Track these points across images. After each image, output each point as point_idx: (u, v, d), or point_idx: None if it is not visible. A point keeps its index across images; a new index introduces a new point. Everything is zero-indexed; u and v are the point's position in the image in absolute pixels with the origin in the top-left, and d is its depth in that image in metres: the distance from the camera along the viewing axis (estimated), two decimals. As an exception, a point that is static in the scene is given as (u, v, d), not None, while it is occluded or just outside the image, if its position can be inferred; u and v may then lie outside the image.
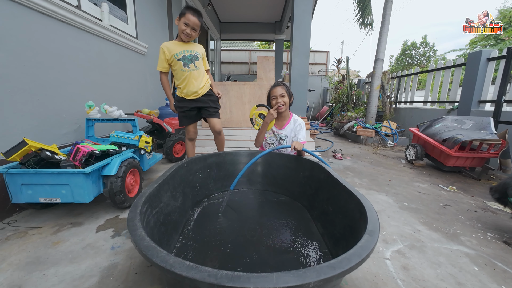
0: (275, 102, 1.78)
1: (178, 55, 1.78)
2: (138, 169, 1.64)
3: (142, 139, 1.73)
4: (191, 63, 1.84)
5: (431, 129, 2.88)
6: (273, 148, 1.50)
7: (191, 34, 1.75)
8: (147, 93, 3.07)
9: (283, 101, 1.75)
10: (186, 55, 1.81)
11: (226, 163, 1.82)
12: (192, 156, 1.60)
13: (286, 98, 1.76)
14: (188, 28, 1.71)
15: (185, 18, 1.69)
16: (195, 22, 1.72)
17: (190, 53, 1.82)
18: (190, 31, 1.73)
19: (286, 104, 1.78)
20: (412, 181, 2.29)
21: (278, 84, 1.78)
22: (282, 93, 1.74)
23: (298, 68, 3.77)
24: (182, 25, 1.71)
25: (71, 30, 1.83)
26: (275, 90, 1.76)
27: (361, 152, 3.54)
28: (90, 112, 1.80)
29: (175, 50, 1.77)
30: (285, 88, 1.75)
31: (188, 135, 2.03)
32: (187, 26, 1.71)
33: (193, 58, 1.84)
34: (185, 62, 1.81)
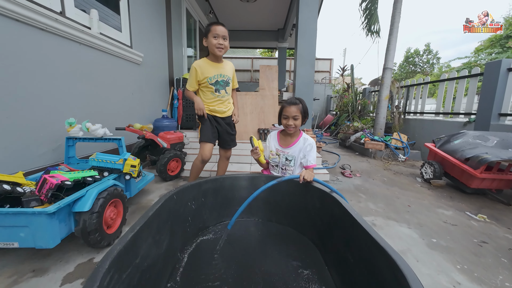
0: (286, 123, 1.56)
1: (211, 79, 1.74)
2: (121, 199, 1.41)
3: (127, 162, 1.50)
4: (223, 89, 1.82)
5: (449, 145, 2.63)
6: (277, 180, 1.26)
7: (224, 45, 1.69)
8: (142, 105, 2.87)
9: (295, 124, 1.53)
10: (219, 80, 1.77)
11: (224, 189, 1.59)
12: (184, 184, 1.37)
13: (299, 121, 1.53)
14: (219, 38, 1.67)
15: (212, 32, 1.66)
16: (223, 30, 1.68)
17: (223, 78, 1.79)
18: (223, 41, 1.68)
19: (297, 127, 1.56)
20: (434, 206, 2.03)
21: (294, 102, 1.53)
22: (296, 115, 1.51)
23: (303, 77, 3.57)
24: (212, 39, 1.67)
25: (52, 39, 1.64)
26: (289, 109, 1.52)
27: (371, 168, 3.29)
28: (70, 131, 1.58)
29: (208, 73, 1.72)
30: (300, 109, 1.52)
31: (203, 154, 1.81)
32: (217, 37, 1.66)
33: (225, 84, 1.82)
34: (217, 88, 1.77)
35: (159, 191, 2.20)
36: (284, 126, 1.60)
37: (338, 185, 2.50)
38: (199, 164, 1.86)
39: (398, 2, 4.04)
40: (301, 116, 1.53)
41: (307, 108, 1.56)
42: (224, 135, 1.96)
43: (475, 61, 13.95)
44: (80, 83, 1.90)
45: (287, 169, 1.67)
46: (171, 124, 3.11)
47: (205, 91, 1.79)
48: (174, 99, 3.65)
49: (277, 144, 1.68)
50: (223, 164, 2.05)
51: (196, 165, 1.87)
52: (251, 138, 1.59)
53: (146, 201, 1.95)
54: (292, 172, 1.67)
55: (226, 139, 1.97)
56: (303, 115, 1.54)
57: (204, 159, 1.83)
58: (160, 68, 3.35)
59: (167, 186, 2.31)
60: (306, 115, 1.56)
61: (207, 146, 1.82)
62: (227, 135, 1.97)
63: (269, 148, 1.70)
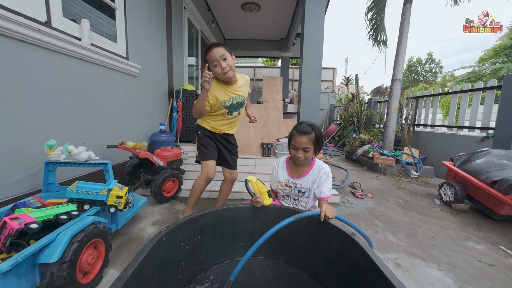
0: (294, 154, 1.34)
1: (225, 102, 1.56)
2: (103, 238, 1.20)
3: (112, 193, 1.30)
4: (236, 111, 1.67)
5: (471, 165, 2.41)
6: (294, 217, 1.04)
7: (228, 65, 1.46)
8: (138, 119, 2.69)
9: (305, 157, 1.30)
10: (234, 103, 1.59)
11: (224, 223, 1.37)
12: (177, 221, 1.16)
13: (310, 153, 1.30)
14: (219, 65, 1.46)
15: (210, 61, 1.47)
16: (219, 51, 1.45)
17: (238, 100, 1.62)
18: (225, 63, 1.45)
19: (306, 159, 1.33)
20: (461, 237, 1.79)
21: (305, 131, 1.28)
22: (307, 148, 1.27)
23: (309, 89, 3.39)
24: (214, 69, 1.48)
25: (34, 51, 1.48)
26: (299, 140, 1.28)
27: (383, 186, 3.06)
28: (50, 154, 1.39)
29: (222, 98, 1.55)
30: (313, 139, 1.28)
31: (208, 173, 1.62)
32: (217, 63, 1.46)
33: (240, 105, 1.66)
34: (230, 111, 1.60)
35: (153, 216, 1.98)
36: (292, 156, 1.39)
37: (349, 209, 2.27)
38: (203, 183, 1.65)
39: (407, 12, 3.91)
40: (313, 148, 1.30)
41: (321, 135, 1.32)
42: (226, 154, 1.77)
43: (480, 71, 13.79)
44: (66, 99, 1.72)
45: (300, 200, 1.46)
46: (169, 138, 2.92)
47: (215, 111, 1.62)
48: (174, 111, 3.48)
49: (286, 174, 1.46)
50: (227, 187, 1.83)
51: (200, 184, 1.65)
52: (246, 181, 1.34)
53: (137, 230, 1.74)
54: (305, 204, 1.45)
55: (228, 159, 1.78)
56: (316, 145, 1.30)
57: (209, 178, 1.63)
58: (159, 79, 3.19)
59: (162, 210, 2.10)
60: (320, 143, 1.32)
61: (210, 163, 1.63)
62: (229, 155, 1.78)
63: (277, 178, 1.48)
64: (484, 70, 13.56)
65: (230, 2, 5.17)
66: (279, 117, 3.39)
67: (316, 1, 3.26)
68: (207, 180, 1.63)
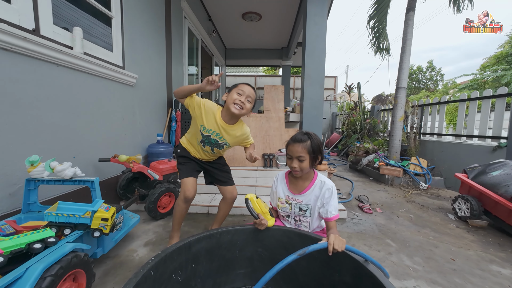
0: (289, 165, 1.22)
1: (204, 129, 1.42)
2: (84, 268, 1.05)
3: (97, 215, 1.17)
4: (209, 146, 1.50)
5: (487, 177, 2.25)
6: (298, 254, 0.90)
7: (244, 105, 1.38)
8: (134, 130, 2.58)
9: (300, 167, 1.18)
10: (211, 137, 1.44)
11: (221, 248, 1.22)
12: (167, 249, 1.02)
13: (306, 163, 1.18)
14: (242, 96, 1.38)
15: (238, 88, 1.40)
16: (251, 91, 1.41)
17: (217, 139, 1.46)
18: (244, 100, 1.38)
19: (303, 171, 1.20)
20: (484, 260, 1.63)
21: (298, 139, 1.19)
22: (301, 156, 1.16)
23: (312, 99, 3.29)
24: (234, 94, 1.38)
25: (19, 60, 1.38)
26: (293, 148, 1.19)
27: (392, 199, 2.90)
28: (32, 171, 1.27)
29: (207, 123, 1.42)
30: (308, 147, 1.17)
31: (185, 192, 1.47)
32: (241, 94, 1.38)
33: (217, 145, 1.50)
34: (203, 140, 1.46)
35: (146, 235, 1.84)
36: (289, 168, 1.26)
37: (358, 226, 2.11)
38: (181, 203, 1.52)
39: (410, 19, 3.85)
40: (309, 157, 1.17)
41: (318, 145, 1.19)
42: (214, 171, 1.64)
43: (482, 78, 13.75)
44: (55, 110, 1.61)
45: (302, 221, 1.32)
46: (166, 150, 2.80)
47: (193, 131, 1.52)
48: (172, 121, 3.38)
49: (286, 189, 1.33)
50: (225, 206, 1.66)
51: (178, 205, 1.53)
52: (246, 200, 1.20)
53: (127, 252, 1.59)
54: (308, 225, 1.31)
55: (218, 177, 1.64)
56: (313, 155, 1.18)
57: (187, 197, 1.48)
58: (157, 89, 3.10)
59: (156, 228, 1.95)
60: (318, 154, 1.20)
61: (189, 181, 1.49)
62: (217, 172, 1.64)
63: (277, 194, 1.35)
64: (486, 77, 13.51)
65: (231, 12, 5.18)
66: (281, 126, 3.27)
67: (317, 8, 3.20)
68: (186, 200, 1.49)
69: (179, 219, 1.57)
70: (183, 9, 3.89)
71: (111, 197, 2.21)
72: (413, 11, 3.81)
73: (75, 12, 1.87)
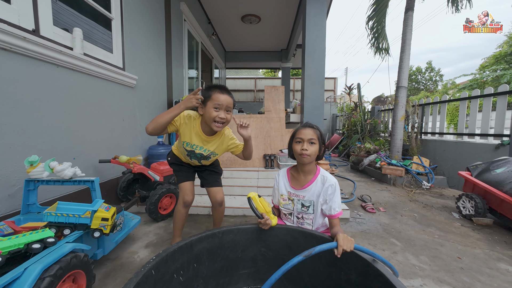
0: (300, 149, 1.20)
1: (187, 144, 1.37)
2: (84, 268, 1.03)
3: (97, 215, 1.15)
4: (196, 159, 1.47)
5: (491, 175, 2.23)
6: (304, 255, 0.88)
7: (226, 119, 1.30)
8: (135, 132, 2.57)
9: (310, 151, 1.17)
10: (196, 151, 1.39)
11: (223, 248, 1.20)
12: (168, 248, 1.00)
13: (316, 147, 1.19)
14: (221, 111, 1.27)
15: (213, 101, 1.25)
16: (228, 101, 1.29)
17: (202, 152, 1.41)
18: (225, 115, 1.29)
19: (311, 156, 1.19)
20: (492, 258, 1.60)
21: (309, 125, 1.23)
22: (312, 139, 1.18)
23: (312, 99, 3.29)
24: (211, 111, 1.26)
25: (19, 60, 1.37)
26: (304, 131, 1.20)
27: (394, 199, 2.87)
28: (31, 171, 1.25)
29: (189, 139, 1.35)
30: (317, 134, 1.20)
31: (184, 197, 1.48)
32: (219, 108, 1.26)
33: (202, 157, 1.45)
34: (189, 154, 1.42)
35: (147, 237, 1.81)
36: (296, 155, 1.23)
37: (361, 226, 2.08)
38: (181, 209, 1.51)
39: (409, 19, 3.86)
40: (318, 143, 1.20)
41: (324, 136, 1.25)
42: (205, 173, 1.59)
43: (481, 78, 13.76)
44: (55, 111, 1.60)
45: (305, 218, 1.29)
46: (166, 151, 2.78)
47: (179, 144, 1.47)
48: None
49: (288, 184, 1.31)
50: (216, 213, 1.59)
51: (178, 210, 1.52)
52: (249, 199, 1.16)
53: (128, 254, 1.56)
54: (311, 222, 1.28)
55: (207, 178, 1.58)
56: (321, 142, 1.22)
57: (186, 202, 1.49)
58: (158, 90, 3.10)
59: (157, 229, 1.93)
60: (324, 145, 1.25)
61: (186, 186, 1.50)
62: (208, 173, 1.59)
63: (279, 191, 1.33)
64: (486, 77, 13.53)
65: (230, 14, 5.21)
66: (282, 127, 3.26)
67: (317, 9, 3.21)
68: (185, 205, 1.49)
69: (180, 225, 1.55)
70: (183, 12, 3.91)
71: (111, 199, 2.18)
72: (412, 10, 3.82)
73: (75, 13, 1.87)
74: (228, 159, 3.05)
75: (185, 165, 1.56)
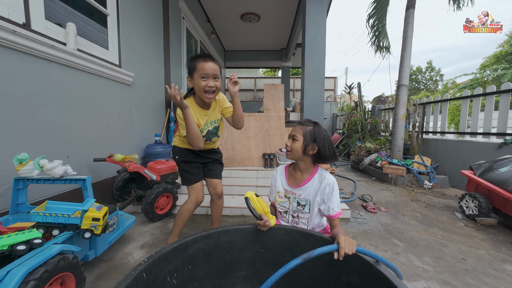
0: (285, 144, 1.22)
1: (202, 131, 1.38)
2: (73, 271, 0.98)
3: (87, 215, 1.10)
4: (215, 136, 1.49)
5: (495, 174, 2.18)
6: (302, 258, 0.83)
7: (216, 86, 1.31)
8: (131, 130, 2.52)
9: (290, 146, 1.16)
10: (210, 129, 1.42)
11: (220, 249, 1.15)
12: (161, 249, 0.95)
13: (298, 144, 1.14)
14: (209, 79, 1.28)
15: (199, 71, 1.26)
16: (214, 68, 1.28)
17: (214, 124, 1.46)
18: (213, 83, 1.30)
19: (292, 152, 1.16)
20: (497, 259, 1.55)
21: (302, 122, 1.20)
22: (295, 135, 1.16)
23: (312, 97, 3.24)
24: (200, 81, 1.27)
25: (8, 55, 1.33)
26: (293, 128, 1.20)
27: (396, 199, 2.82)
28: (20, 170, 1.21)
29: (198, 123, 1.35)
30: (304, 131, 1.14)
31: (197, 196, 1.47)
32: (206, 78, 1.27)
33: (217, 129, 1.49)
34: (208, 137, 1.43)
35: (142, 237, 1.76)
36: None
37: (363, 226, 2.03)
38: (192, 207, 1.48)
39: (410, 17, 3.81)
40: (303, 140, 1.12)
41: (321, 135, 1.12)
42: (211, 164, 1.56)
43: (482, 77, 13.72)
44: (47, 107, 1.56)
45: (300, 217, 1.25)
46: (164, 150, 2.74)
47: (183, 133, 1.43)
48: (171, 121, 3.33)
49: (285, 181, 1.27)
50: (215, 206, 1.60)
51: (189, 209, 1.48)
52: (246, 199, 1.11)
53: (122, 255, 1.51)
54: (307, 221, 1.24)
55: (212, 168, 1.56)
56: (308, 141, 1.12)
57: (199, 201, 1.50)
58: (155, 88, 3.05)
59: (153, 230, 1.88)
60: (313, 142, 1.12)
61: (197, 186, 1.48)
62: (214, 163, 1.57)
63: (276, 188, 1.29)
64: (486, 77, 13.49)
65: (229, 13, 5.16)
66: (281, 126, 3.21)
67: (317, 6, 3.17)
68: (197, 204, 1.49)
69: (183, 223, 1.51)
70: (181, 9, 3.86)
71: (107, 199, 2.14)
72: (413, 8, 3.78)
73: (69, 8, 1.83)
74: (227, 158, 3.01)
75: (194, 160, 1.50)
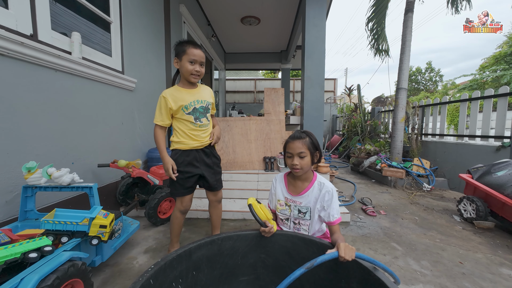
0: (290, 163, 1.20)
1: (187, 107, 1.40)
2: (82, 277, 1.02)
3: (95, 222, 1.14)
4: (204, 117, 1.48)
5: (492, 178, 2.22)
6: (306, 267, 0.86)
7: (201, 72, 1.43)
8: (134, 135, 2.56)
9: (301, 165, 1.16)
10: (197, 107, 1.43)
11: (223, 255, 1.18)
12: (167, 256, 0.99)
13: (307, 159, 1.17)
14: (196, 65, 1.40)
15: (188, 55, 1.36)
16: (201, 55, 1.41)
17: (201, 104, 1.46)
18: (199, 68, 1.41)
19: (304, 168, 1.18)
20: (494, 263, 1.58)
21: (298, 136, 1.19)
22: (302, 152, 1.15)
23: (312, 101, 3.28)
24: (187, 64, 1.38)
25: (17, 66, 1.37)
26: (293, 145, 1.19)
27: (395, 201, 2.86)
28: (29, 178, 1.24)
29: (183, 101, 1.39)
30: (307, 144, 1.17)
31: (183, 205, 1.50)
32: (194, 63, 1.39)
33: (205, 110, 1.49)
34: (196, 116, 1.43)
35: (146, 242, 1.80)
36: (289, 168, 1.24)
37: (362, 229, 2.07)
38: (179, 215, 1.53)
39: (408, 20, 3.85)
40: (310, 153, 1.17)
41: (317, 142, 1.21)
42: (209, 175, 1.53)
43: (481, 78, 13.76)
44: (52, 115, 1.59)
45: (302, 224, 1.28)
46: (166, 154, 2.77)
47: (184, 123, 1.43)
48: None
49: (285, 190, 1.30)
50: (215, 210, 1.64)
51: (177, 217, 1.52)
52: (250, 205, 1.14)
53: (127, 260, 1.55)
54: (308, 228, 1.27)
55: (211, 181, 1.54)
56: (313, 151, 1.18)
57: (185, 210, 1.54)
58: (157, 93, 3.09)
59: (156, 234, 1.92)
60: (316, 150, 1.20)
61: (186, 198, 1.51)
62: (212, 176, 1.54)
63: (276, 196, 1.32)
64: (486, 77, 13.53)
65: (230, 16, 5.20)
66: (282, 129, 3.25)
67: (316, 10, 3.21)
68: (184, 212, 1.54)
69: (178, 230, 1.55)
70: (182, 14, 3.90)
71: (110, 203, 2.17)
72: (412, 12, 3.82)
73: (74, 17, 1.86)
74: (227, 162, 3.04)
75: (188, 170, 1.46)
